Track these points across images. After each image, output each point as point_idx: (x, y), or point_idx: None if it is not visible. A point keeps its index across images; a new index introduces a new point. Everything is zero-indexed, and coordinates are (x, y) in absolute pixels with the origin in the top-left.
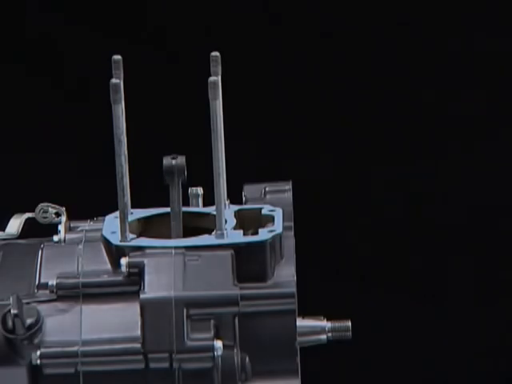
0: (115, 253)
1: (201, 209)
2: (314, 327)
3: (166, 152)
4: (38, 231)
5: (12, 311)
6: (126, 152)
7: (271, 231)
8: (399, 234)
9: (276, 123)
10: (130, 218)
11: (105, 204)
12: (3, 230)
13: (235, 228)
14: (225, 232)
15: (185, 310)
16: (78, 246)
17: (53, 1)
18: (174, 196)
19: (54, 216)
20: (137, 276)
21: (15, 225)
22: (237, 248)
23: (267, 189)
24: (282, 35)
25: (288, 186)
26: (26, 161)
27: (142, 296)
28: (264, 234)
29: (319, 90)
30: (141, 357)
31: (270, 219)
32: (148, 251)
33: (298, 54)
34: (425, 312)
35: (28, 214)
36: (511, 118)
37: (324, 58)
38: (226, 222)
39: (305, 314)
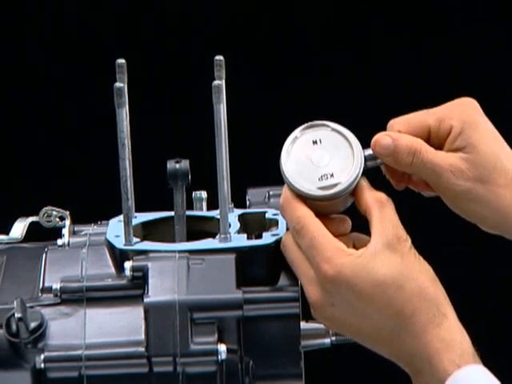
0: (119, 256)
1: (205, 212)
2: (318, 331)
3: (169, 156)
4: (42, 235)
5: (16, 315)
6: (130, 156)
7: (275, 235)
8: None
9: (280, 127)
10: (134, 221)
11: (109, 208)
12: (7, 233)
13: (239, 232)
14: (228, 236)
15: (188, 314)
16: (81, 250)
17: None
18: (177, 200)
19: (57, 220)
20: (141, 280)
21: (19, 228)
22: (240, 252)
23: (271, 193)
24: (281, 35)
25: None
26: (28, 164)
27: (145, 300)
28: (268, 238)
29: (322, 91)
30: (144, 361)
31: (274, 223)
32: (152, 255)
33: (298, 54)
34: None
35: (32, 218)
36: None
37: (324, 58)
38: (229, 225)
39: (309, 317)
